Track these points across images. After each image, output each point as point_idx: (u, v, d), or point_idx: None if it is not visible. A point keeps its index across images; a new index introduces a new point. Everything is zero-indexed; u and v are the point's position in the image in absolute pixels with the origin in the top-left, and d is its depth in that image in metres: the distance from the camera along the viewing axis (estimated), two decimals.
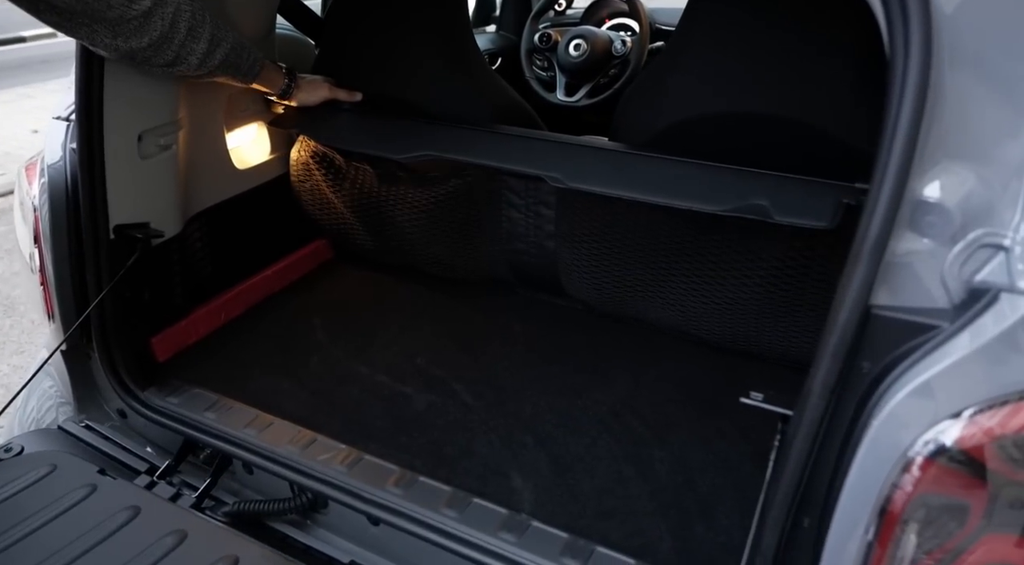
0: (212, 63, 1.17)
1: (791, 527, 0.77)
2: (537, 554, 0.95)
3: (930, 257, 0.69)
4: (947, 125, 0.67)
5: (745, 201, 1.05)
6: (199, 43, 1.13)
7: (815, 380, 0.71)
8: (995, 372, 0.64)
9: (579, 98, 2.33)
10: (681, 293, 1.29)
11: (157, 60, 1.11)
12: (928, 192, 0.68)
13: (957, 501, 0.68)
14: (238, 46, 1.22)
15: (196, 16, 1.11)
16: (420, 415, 1.23)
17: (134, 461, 1.30)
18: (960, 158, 0.68)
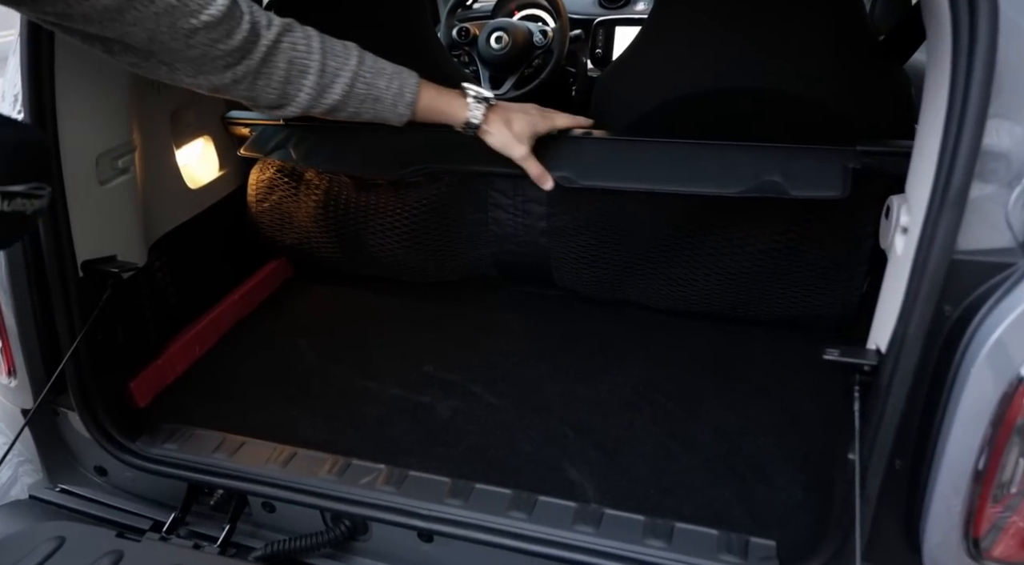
0: (330, 100, 0.96)
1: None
2: (620, 541, 0.95)
3: (995, 202, 0.75)
4: (1002, 79, 0.73)
5: (760, 179, 1.09)
6: (307, 77, 0.94)
7: (909, 326, 0.75)
8: None
9: (506, 91, 2.33)
10: (684, 268, 1.32)
11: (260, 100, 0.95)
12: (988, 142, 0.74)
13: None
14: (368, 72, 0.97)
15: (299, 47, 0.93)
16: (449, 422, 1.19)
17: (132, 520, 1.17)
18: (1012, 109, 0.74)
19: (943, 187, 0.72)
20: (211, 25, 0.86)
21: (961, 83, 0.70)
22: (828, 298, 1.27)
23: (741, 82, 1.20)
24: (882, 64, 1.20)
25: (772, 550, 0.92)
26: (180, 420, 1.21)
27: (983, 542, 0.76)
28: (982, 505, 0.75)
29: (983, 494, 0.74)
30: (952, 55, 0.71)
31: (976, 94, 0.69)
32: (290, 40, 0.93)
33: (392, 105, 1.00)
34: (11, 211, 0.64)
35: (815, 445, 1.09)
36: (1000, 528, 0.76)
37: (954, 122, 0.71)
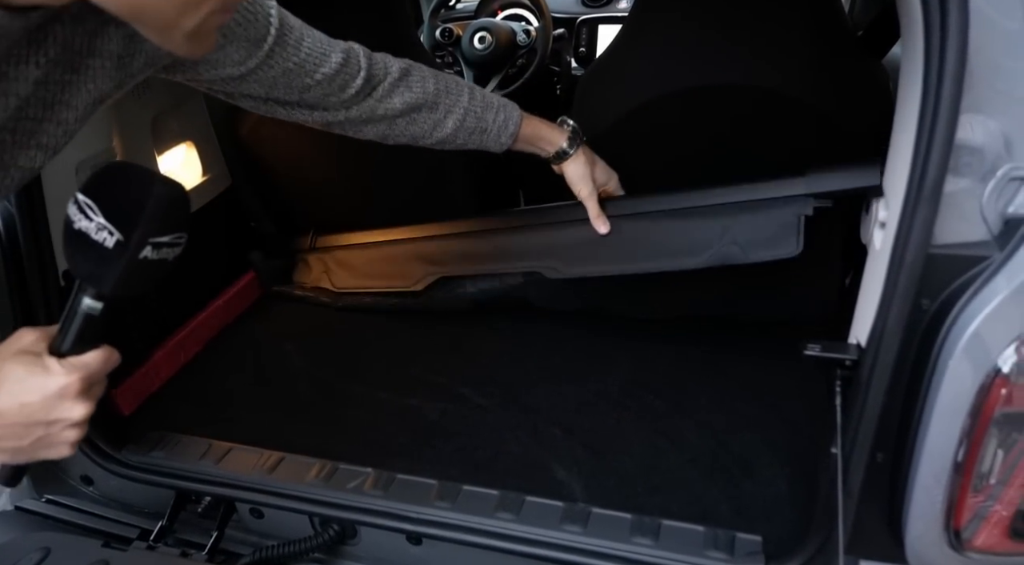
0: (442, 134, 1.05)
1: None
2: (607, 539, 0.95)
3: (969, 195, 0.75)
4: (974, 74, 0.73)
5: (719, 250, 1.17)
6: (420, 114, 1.02)
7: (888, 321, 0.75)
8: None
9: (490, 91, 2.33)
10: (659, 293, 1.35)
11: (367, 134, 1.03)
12: (962, 136, 0.74)
13: (1021, 412, 0.75)
14: (478, 107, 1.06)
15: (414, 89, 1.01)
16: (437, 425, 1.19)
17: (119, 529, 1.17)
18: (985, 103, 0.74)
19: (918, 182, 0.73)
20: (324, 82, 0.94)
21: (934, 77, 0.71)
22: (807, 295, 1.28)
23: (721, 79, 1.21)
24: (860, 59, 1.21)
25: (758, 545, 0.93)
26: (166, 428, 1.20)
27: (964, 533, 0.77)
28: (962, 496, 0.75)
29: (963, 485, 0.75)
30: (924, 49, 0.72)
31: (948, 88, 0.70)
32: (406, 84, 1.01)
33: (496, 136, 1.09)
34: (157, 259, 0.69)
35: (801, 440, 1.10)
36: (980, 519, 0.76)
37: (928, 117, 0.72)
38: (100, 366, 0.72)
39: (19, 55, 0.64)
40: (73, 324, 0.72)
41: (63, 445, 0.71)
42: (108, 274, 0.68)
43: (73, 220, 0.68)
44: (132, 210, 0.67)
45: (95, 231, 0.67)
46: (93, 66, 0.71)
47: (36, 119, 0.69)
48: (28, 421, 0.68)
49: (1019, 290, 0.71)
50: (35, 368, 0.68)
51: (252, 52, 0.88)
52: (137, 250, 0.67)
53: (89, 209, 0.67)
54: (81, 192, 0.68)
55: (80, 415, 0.70)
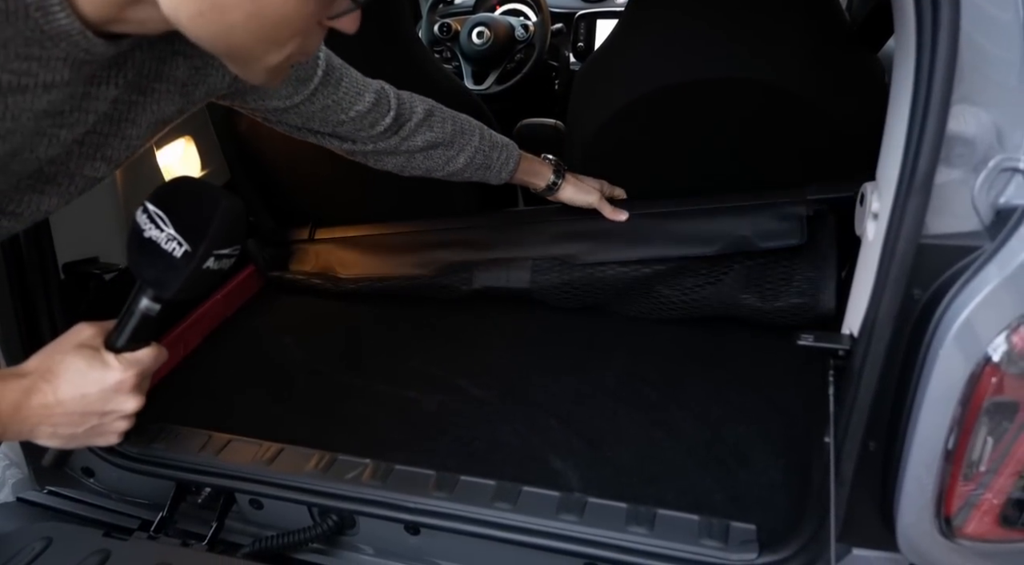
0: (453, 167, 1.17)
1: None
2: (603, 528, 0.96)
3: (961, 186, 0.76)
4: (965, 64, 0.74)
5: (733, 236, 1.26)
6: (437, 150, 1.14)
7: (879, 310, 0.76)
8: None
9: (488, 86, 2.34)
10: (655, 302, 1.37)
11: (387, 164, 1.15)
12: (954, 127, 0.75)
13: (1010, 400, 0.76)
14: (486, 147, 1.19)
15: (434, 128, 1.13)
16: (435, 417, 1.20)
17: (120, 520, 1.18)
18: (977, 94, 0.75)
19: (910, 173, 0.74)
20: (358, 118, 1.04)
21: (926, 67, 0.71)
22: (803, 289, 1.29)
23: (718, 73, 1.22)
24: (856, 53, 1.21)
25: (752, 534, 0.94)
26: (166, 420, 1.21)
27: (955, 520, 0.78)
28: (953, 484, 0.76)
29: (953, 473, 0.76)
30: (916, 40, 0.72)
31: (940, 79, 0.70)
32: (428, 124, 1.12)
33: (498, 172, 1.22)
34: (216, 268, 0.76)
35: (795, 430, 1.11)
36: (971, 506, 0.77)
37: (919, 107, 0.72)
38: (152, 363, 0.79)
39: (102, 76, 0.69)
40: (130, 322, 0.78)
41: (113, 434, 0.78)
42: (173, 281, 0.74)
43: (143, 228, 0.74)
44: (201, 224, 0.73)
45: (165, 241, 0.73)
46: (159, 90, 0.76)
47: (104, 134, 0.74)
48: (85, 410, 0.74)
49: (1009, 280, 0.72)
50: (95, 362, 0.74)
51: (299, 89, 0.95)
52: (202, 261, 0.73)
53: (160, 219, 0.73)
54: (151, 203, 0.74)
55: (133, 407, 0.77)
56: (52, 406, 0.73)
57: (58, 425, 0.74)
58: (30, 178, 0.73)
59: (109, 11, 0.60)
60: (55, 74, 0.62)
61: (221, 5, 0.56)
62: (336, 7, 0.62)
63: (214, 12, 0.57)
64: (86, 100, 0.69)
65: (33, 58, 0.60)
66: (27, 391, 0.73)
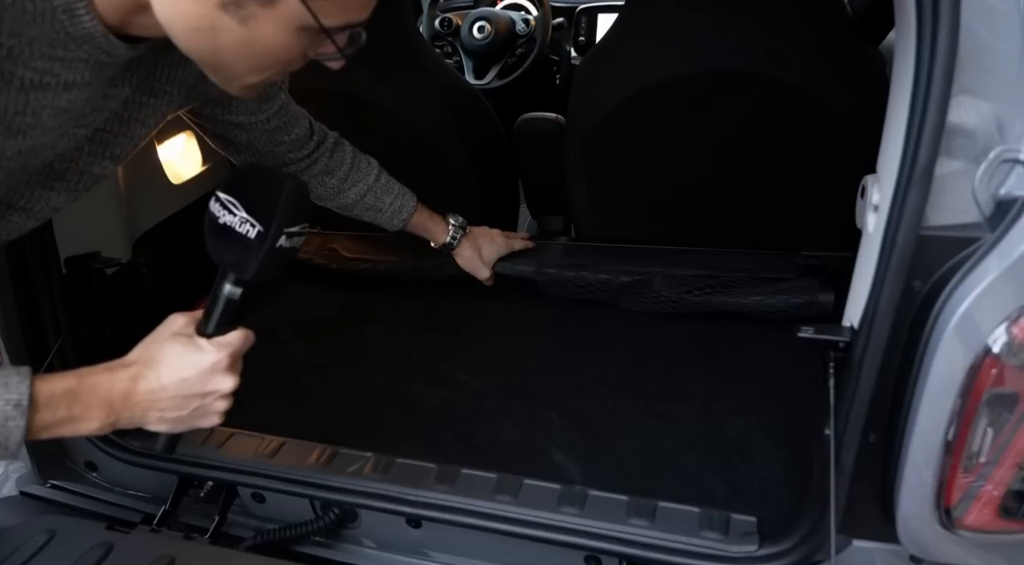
0: (343, 201, 1.19)
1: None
2: (604, 521, 0.96)
3: (962, 177, 0.76)
4: (967, 54, 0.74)
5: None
6: (332, 179, 1.17)
7: (879, 302, 0.76)
8: None
9: (490, 80, 2.33)
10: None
11: None
12: (954, 118, 0.75)
13: (1011, 392, 0.76)
14: (379, 190, 1.22)
15: (335, 158, 1.16)
16: (436, 410, 1.20)
17: (124, 514, 1.18)
18: (977, 85, 0.75)
19: (910, 164, 0.73)
20: (296, 140, 1.08)
21: (926, 59, 0.71)
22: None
23: (719, 66, 1.22)
24: (857, 46, 1.21)
25: (753, 526, 0.94)
26: None
27: (955, 512, 0.78)
28: (953, 475, 0.76)
29: (953, 465, 0.76)
30: (916, 31, 0.72)
31: (940, 70, 0.70)
32: (331, 153, 1.16)
33: (390, 218, 1.25)
34: (288, 247, 0.79)
35: (796, 423, 1.11)
36: (971, 497, 0.77)
37: (920, 99, 0.72)
38: (241, 344, 0.83)
39: (119, 78, 0.71)
40: (217, 308, 0.81)
41: (215, 414, 0.82)
42: (251, 262, 0.77)
43: (218, 216, 0.78)
44: (269, 204, 0.77)
45: (239, 225, 0.76)
46: (170, 92, 0.80)
47: (113, 133, 0.77)
48: (187, 393, 0.78)
49: (1009, 271, 0.72)
50: (191, 347, 0.79)
51: (262, 107, 0.99)
52: (275, 239, 0.76)
53: (232, 205, 0.77)
54: (223, 191, 0.78)
55: (230, 386, 0.81)
56: (157, 391, 0.77)
57: (165, 409, 0.78)
58: (40, 174, 0.75)
59: (120, 17, 0.62)
60: (76, 74, 0.64)
61: (216, 27, 0.59)
62: (323, 49, 0.65)
63: (209, 32, 0.59)
64: (104, 100, 0.71)
65: (56, 58, 0.62)
66: (134, 379, 0.76)
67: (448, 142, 1.44)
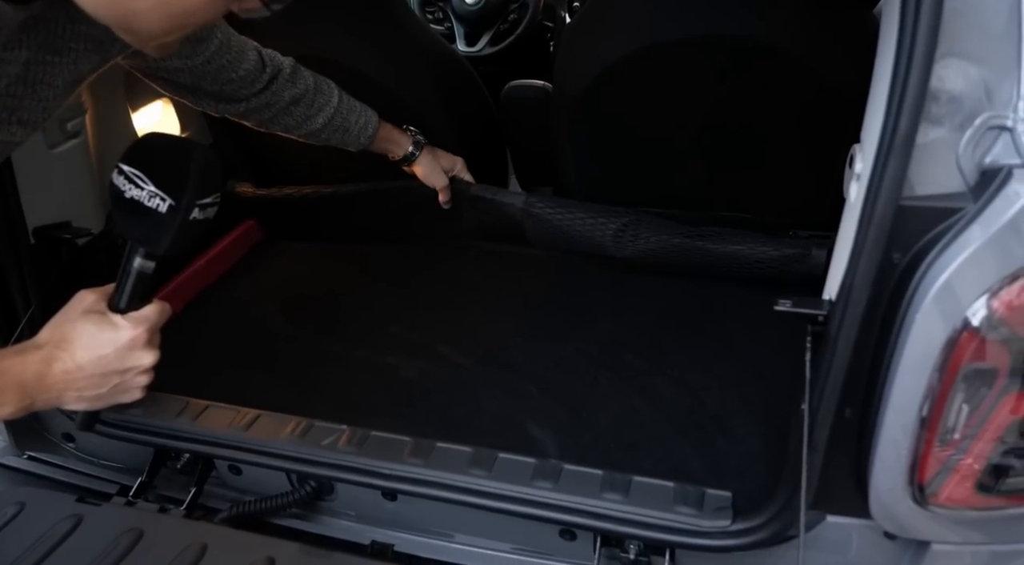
0: (312, 126, 1.18)
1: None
2: (578, 495, 0.95)
3: (945, 145, 0.73)
4: (950, 16, 0.70)
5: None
6: (298, 107, 1.15)
7: (856, 274, 0.74)
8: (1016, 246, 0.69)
9: (482, 47, 2.28)
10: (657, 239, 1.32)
11: (252, 119, 1.15)
12: (938, 83, 0.72)
13: (989, 367, 0.74)
14: (344, 109, 1.20)
15: (298, 85, 1.14)
16: (414, 383, 1.19)
17: (100, 485, 1.18)
18: (962, 49, 0.71)
19: (891, 131, 0.70)
20: (246, 76, 1.06)
21: (910, 18, 0.68)
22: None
23: (707, 31, 1.18)
24: (850, 9, 1.17)
25: (727, 501, 0.93)
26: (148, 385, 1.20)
27: (928, 488, 0.76)
28: (927, 452, 0.74)
29: (928, 441, 0.74)
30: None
31: (924, 31, 0.67)
32: (293, 81, 1.14)
33: (356, 136, 1.23)
34: (202, 218, 0.77)
35: (778, 398, 1.09)
36: (945, 474, 0.76)
37: (903, 61, 0.69)
38: (158, 317, 0.81)
39: (15, 40, 0.68)
40: (128, 283, 0.79)
41: (136, 389, 0.82)
42: (162, 236, 0.76)
43: (123, 190, 0.75)
44: (179, 176, 0.74)
45: (147, 199, 0.74)
46: (76, 49, 0.76)
47: (18, 97, 0.73)
48: (105, 371, 0.77)
49: (991, 242, 0.69)
50: (105, 324, 0.77)
51: (197, 49, 0.96)
52: (187, 212, 0.75)
53: (138, 179, 0.74)
54: (125, 163, 0.75)
55: (150, 361, 0.80)
56: (73, 371, 0.75)
57: (83, 389, 0.77)
58: None
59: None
60: None
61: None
62: (246, 4, 0.61)
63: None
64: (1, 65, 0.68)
65: None
66: (47, 361, 0.75)
67: (431, 110, 1.40)
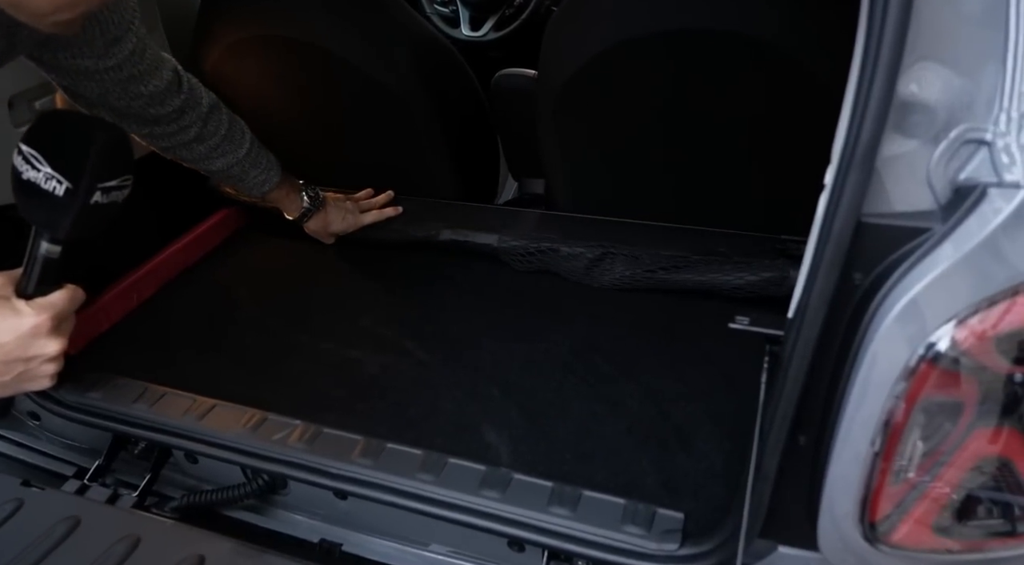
0: (211, 168, 1.20)
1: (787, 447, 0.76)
2: (524, 507, 0.92)
3: (916, 159, 0.67)
4: (925, 17, 0.64)
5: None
6: (202, 146, 1.16)
7: (812, 294, 0.69)
8: (993, 267, 0.63)
9: (486, 32, 2.23)
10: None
11: (156, 144, 1.16)
12: (912, 90, 0.66)
13: (953, 400, 0.69)
14: (247, 164, 1.22)
15: (209, 126, 1.15)
16: (375, 379, 1.16)
17: (59, 466, 1.18)
18: (939, 52, 0.65)
19: (853, 141, 0.65)
20: (155, 94, 1.04)
21: (878, 14, 0.62)
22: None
23: (694, 24, 1.11)
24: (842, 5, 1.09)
25: (679, 522, 0.88)
26: (110, 368, 1.19)
27: (880, 527, 0.71)
28: (879, 488, 0.69)
29: (881, 476, 0.69)
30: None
31: (891, 28, 0.61)
32: (206, 119, 1.15)
33: (249, 188, 1.28)
34: (107, 202, 0.74)
35: (748, 414, 1.03)
36: (900, 513, 0.71)
37: (868, 64, 0.63)
38: (66, 304, 0.79)
39: None
40: (35, 268, 0.77)
41: (44, 378, 0.81)
42: (62, 220, 0.73)
43: (21, 171, 0.72)
44: (77, 158, 0.71)
45: (44, 181, 0.71)
46: None
47: None
48: (7, 359, 0.75)
49: (959, 266, 0.64)
50: (6, 311, 0.75)
51: (110, 50, 0.94)
52: (87, 196, 0.72)
53: (35, 160, 0.71)
54: (24, 143, 0.72)
55: (55, 350, 0.78)
56: None
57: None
58: None
59: None
60: None
61: None
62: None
63: None
64: None
65: None
66: None
67: (413, 95, 1.36)
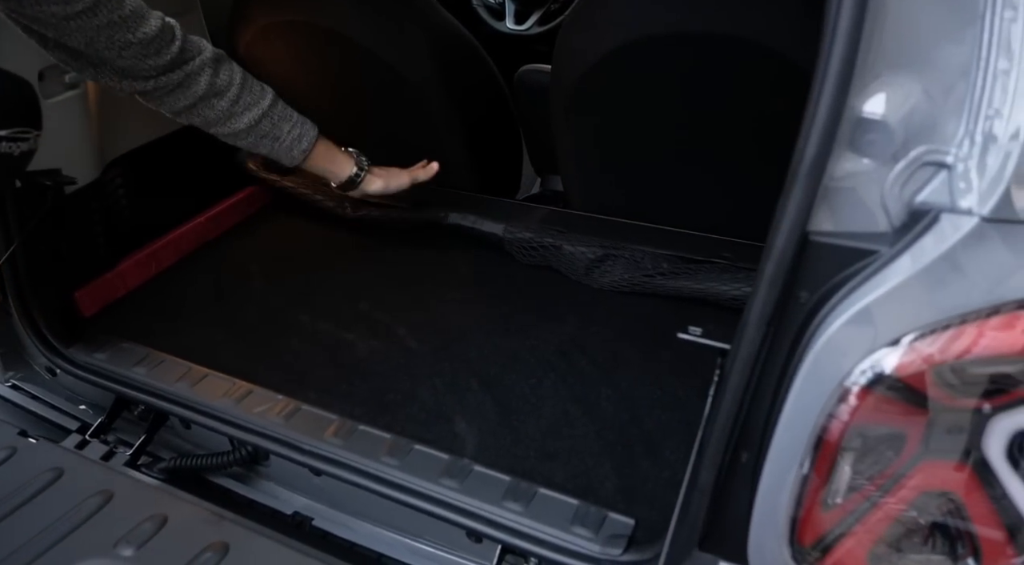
0: (235, 127, 1.08)
1: (730, 462, 0.75)
2: (479, 499, 0.93)
3: (870, 178, 0.64)
4: (888, 34, 0.62)
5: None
6: (221, 101, 1.06)
7: (752, 311, 0.67)
8: (935, 296, 0.61)
9: (530, 26, 2.23)
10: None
11: (168, 107, 1.07)
12: (869, 108, 0.63)
13: (894, 429, 0.66)
14: (276, 116, 1.10)
15: (220, 76, 1.06)
16: (362, 362, 1.19)
17: (66, 420, 1.25)
18: (902, 69, 0.63)
19: (799, 156, 0.63)
20: (145, 42, 0.97)
21: (829, 32, 0.60)
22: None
23: (704, 27, 1.09)
24: None
25: (628, 528, 0.88)
26: (120, 332, 1.26)
27: (812, 551, 0.69)
28: (808, 514, 0.68)
29: (810, 502, 0.67)
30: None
31: (841, 41, 0.59)
32: (215, 69, 1.05)
33: (288, 148, 1.13)
34: (5, 152, 0.73)
35: None
36: (832, 541, 0.69)
37: (818, 79, 0.61)
38: None
39: None
40: None
41: None
42: None
43: None
44: None
45: None
46: None
47: None
48: None
49: (899, 291, 0.62)
50: None
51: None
52: None
53: None
54: None
55: None
56: None
57: None
58: None
59: None
60: None
61: None
62: None
63: None
64: None
65: None
66: None
67: (429, 85, 1.38)
